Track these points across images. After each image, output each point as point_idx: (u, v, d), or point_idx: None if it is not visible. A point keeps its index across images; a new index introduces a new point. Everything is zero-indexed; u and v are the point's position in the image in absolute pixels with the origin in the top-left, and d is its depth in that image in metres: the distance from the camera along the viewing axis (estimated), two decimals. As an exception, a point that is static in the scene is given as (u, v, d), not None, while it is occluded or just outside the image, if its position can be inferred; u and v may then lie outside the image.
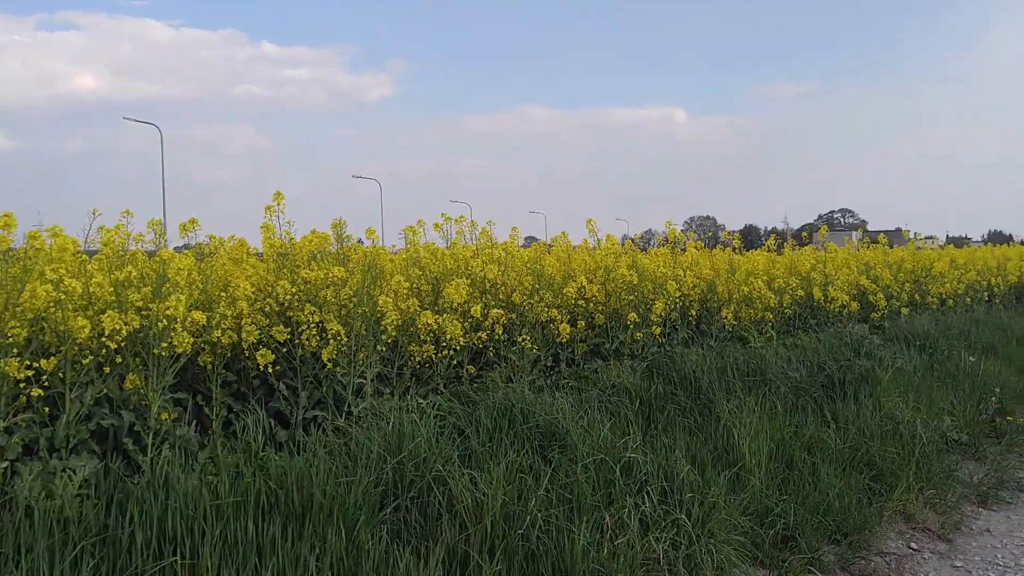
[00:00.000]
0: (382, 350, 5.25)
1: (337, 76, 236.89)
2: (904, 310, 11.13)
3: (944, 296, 12.48)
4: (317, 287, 5.02)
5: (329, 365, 4.92)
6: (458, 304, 5.53)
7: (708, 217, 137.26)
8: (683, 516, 4.48)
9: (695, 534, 4.41)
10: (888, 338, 9.41)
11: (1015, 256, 17.11)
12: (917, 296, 11.94)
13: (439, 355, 5.58)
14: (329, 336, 4.84)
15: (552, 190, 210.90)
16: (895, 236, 16.35)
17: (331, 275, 5.00)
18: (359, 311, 5.07)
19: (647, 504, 4.50)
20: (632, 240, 10.94)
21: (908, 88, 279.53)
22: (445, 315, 5.49)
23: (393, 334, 5.22)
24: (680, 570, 4.22)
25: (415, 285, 5.94)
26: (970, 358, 9.30)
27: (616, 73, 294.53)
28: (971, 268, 14.05)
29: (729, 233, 11.00)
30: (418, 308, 5.42)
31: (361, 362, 5.14)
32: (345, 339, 4.91)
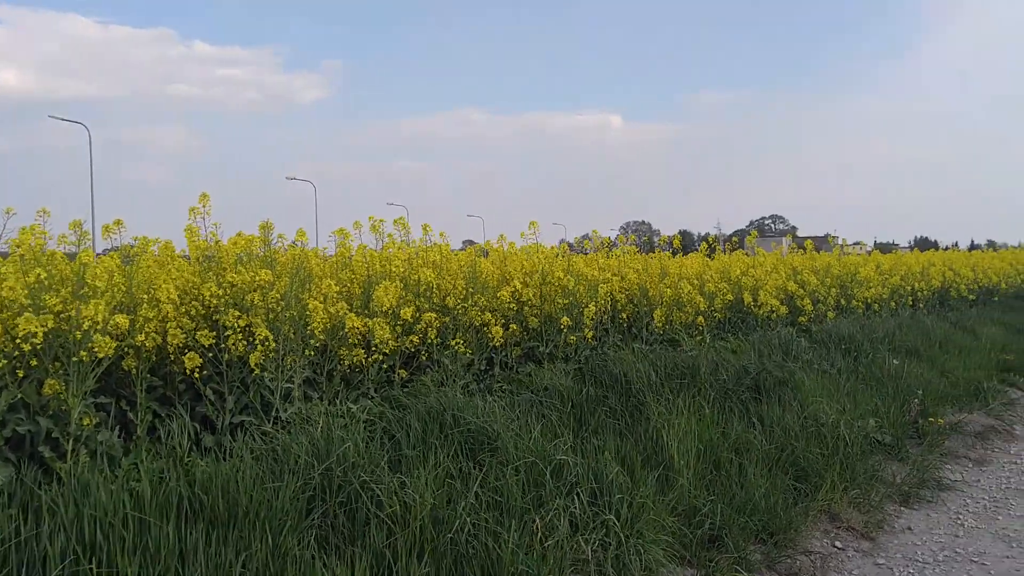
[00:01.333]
0: (311, 354, 5.19)
1: (271, 76, 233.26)
2: (830, 314, 11.39)
3: (869, 300, 12.80)
4: (244, 290, 4.95)
5: (256, 370, 4.85)
6: (388, 307, 5.50)
7: (644, 222, 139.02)
8: (612, 517, 4.52)
9: (624, 535, 4.45)
10: (815, 341, 9.60)
11: (938, 261, 17.59)
12: (843, 300, 12.23)
13: (370, 359, 5.54)
14: (256, 341, 4.77)
15: (490, 194, 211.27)
16: (823, 242, 16.72)
17: (258, 278, 4.92)
18: (287, 315, 5.01)
19: (577, 506, 4.52)
20: (570, 244, 11.03)
21: (836, 97, 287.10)
22: (375, 319, 5.45)
23: (322, 338, 5.17)
24: (609, 570, 4.25)
25: (346, 288, 5.89)
26: (894, 361, 9.53)
27: (552, 78, 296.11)
28: (895, 273, 14.43)
29: (667, 237, 11.12)
30: (348, 311, 5.38)
31: (289, 367, 5.09)
32: (272, 343, 4.85)
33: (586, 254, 9.61)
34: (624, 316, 8.33)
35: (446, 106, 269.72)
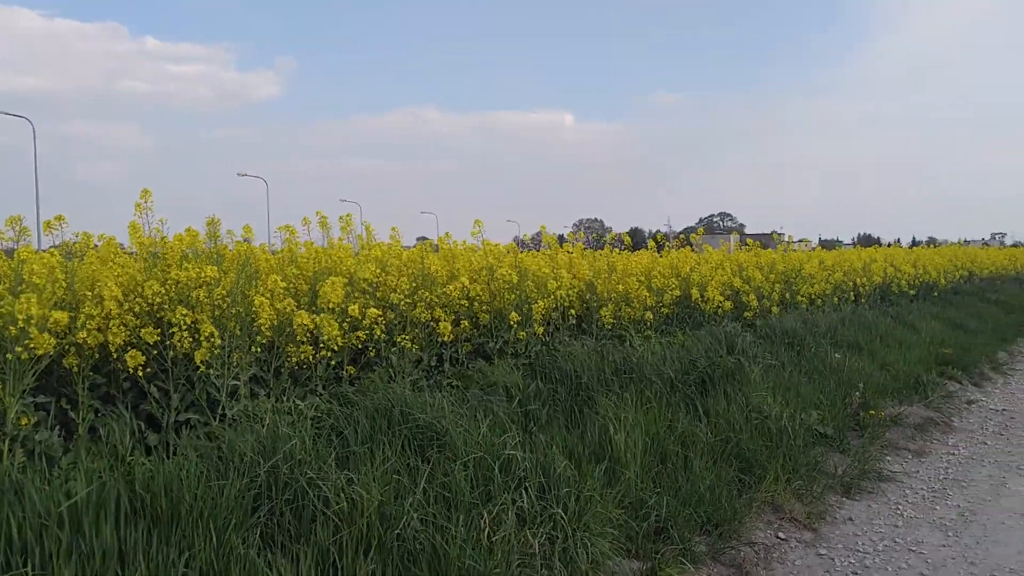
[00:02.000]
0: (257, 351, 5.15)
1: (225, 73, 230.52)
2: (775, 309, 11.54)
3: (813, 296, 12.99)
4: (189, 287, 4.89)
5: (202, 367, 4.80)
6: (335, 303, 5.47)
7: (596, 219, 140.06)
8: (559, 511, 4.54)
9: (571, 528, 4.48)
10: (759, 336, 9.71)
11: (880, 258, 17.83)
12: (787, 296, 12.39)
13: (317, 356, 5.51)
14: (202, 338, 4.72)
15: (444, 191, 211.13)
16: (769, 239, 16.95)
17: (204, 274, 4.87)
18: (233, 311, 4.96)
19: (524, 500, 4.55)
20: (521, 242, 11.06)
21: (783, 99, 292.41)
22: (322, 315, 5.41)
23: (269, 334, 5.13)
24: (556, 564, 4.28)
25: (292, 285, 5.84)
26: (836, 355, 9.69)
27: (506, 77, 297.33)
28: (838, 269, 14.62)
29: (616, 234, 11.20)
30: (295, 308, 5.34)
31: (236, 363, 5.04)
32: (218, 340, 4.80)
33: (537, 250, 9.66)
34: (574, 312, 8.38)
35: (400, 104, 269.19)
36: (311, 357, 5.44)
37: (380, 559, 3.88)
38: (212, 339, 4.73)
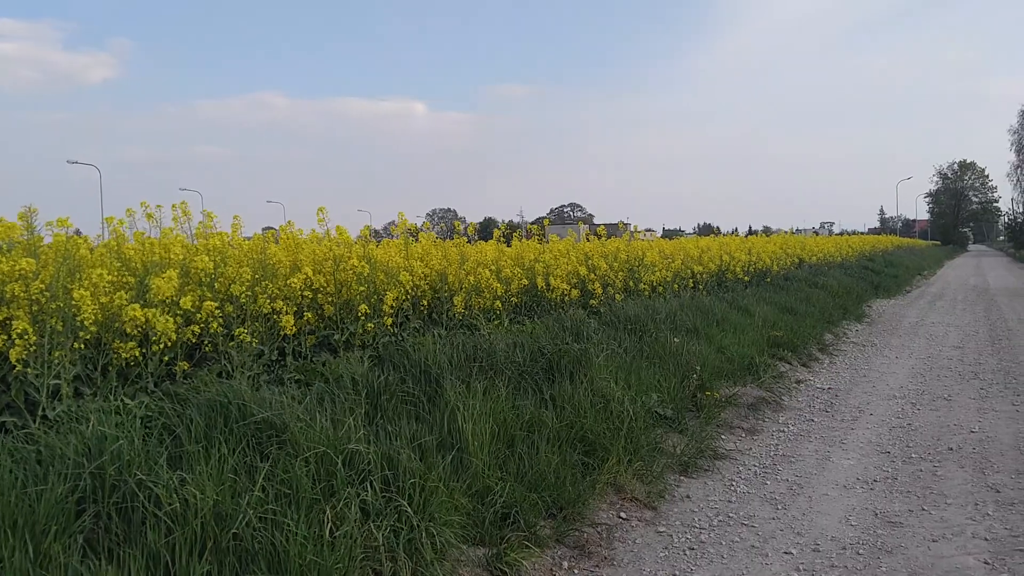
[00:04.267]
0: (81, 348, 4.85)
1: (51, 54, 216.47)
2: (618, 296, 11.81)
3: (655, 283, 13.36)
4: (2, 281, 4.56)
5: (19, 366, 4.49)
6: (167, 297, 5.21)
7: (450, 210, 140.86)
8: (404, 502, 4.52)
9: (416, 519, 4.46)
10: (604, 322, 9.92)
11: (715, 246, 18.44)
12: (631, 283, 12.71)
13: (148, 352, 5.24)
14: (14, 335, 4.41)
15: (292, 180, 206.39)
16: (616, 229, 17.36)
17: (19, 267, 4.55)
18: (53, 306, 4.66)
19: (369, 493, 4.50)
20: (378, 231, 10.91)
21: (626, 94, 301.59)
22: (153, 309, 5.15)
23: (93, 330, 4.85)
24: (400, 555, 4.25)
25: (119, 278, 5.53)
26: (675, 339, 10.00)
27: (354, 62, 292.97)
28: (676, 258, 15.10)
29: (460, 224, 11.21)
30: (125, 301, 5.06)
31: (57, 362, 4.73)
32: (34, 337, 4.49)
33: (381, 240, 9.54)
34: (425, 303, 8.34)
35: (245, 89, 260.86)
36: (138, 354, 5.16)
37: (216, 560, 3.74)
38: (26, 336, 4.43)
